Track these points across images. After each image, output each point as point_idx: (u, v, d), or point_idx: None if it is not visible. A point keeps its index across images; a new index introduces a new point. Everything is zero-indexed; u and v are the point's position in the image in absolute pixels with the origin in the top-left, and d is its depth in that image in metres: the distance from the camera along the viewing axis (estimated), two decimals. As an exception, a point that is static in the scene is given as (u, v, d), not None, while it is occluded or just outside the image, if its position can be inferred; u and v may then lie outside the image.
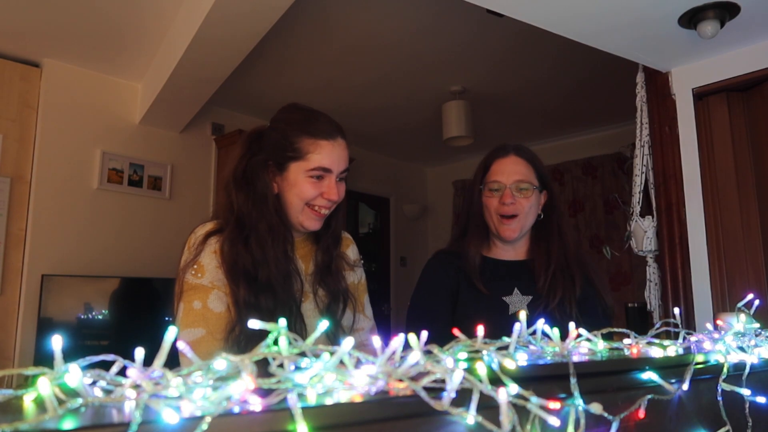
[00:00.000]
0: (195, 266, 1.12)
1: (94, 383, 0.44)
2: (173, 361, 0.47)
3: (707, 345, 0.80)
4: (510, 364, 0.53)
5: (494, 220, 1.45)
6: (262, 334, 0.47)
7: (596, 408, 0.52)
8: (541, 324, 0.70)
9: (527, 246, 1.51)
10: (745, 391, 0.75)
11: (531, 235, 1.51)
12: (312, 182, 1.16)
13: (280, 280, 1.13)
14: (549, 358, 0.63)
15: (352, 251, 1.35)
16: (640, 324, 2.17)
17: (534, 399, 0.47)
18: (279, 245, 1.15)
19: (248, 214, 1.14)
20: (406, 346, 0.51)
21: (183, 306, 1.10)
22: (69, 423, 0.35)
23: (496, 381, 0.48)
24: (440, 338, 0.58)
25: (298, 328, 1.14)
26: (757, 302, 1.00)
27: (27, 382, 0.42)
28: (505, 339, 0.63)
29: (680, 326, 0.82)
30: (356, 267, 1.34)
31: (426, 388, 0.46)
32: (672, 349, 0.77)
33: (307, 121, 1.17)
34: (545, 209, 1.50)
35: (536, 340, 0.70)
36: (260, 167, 1.17)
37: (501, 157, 1.46)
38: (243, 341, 1.07)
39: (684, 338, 0.81)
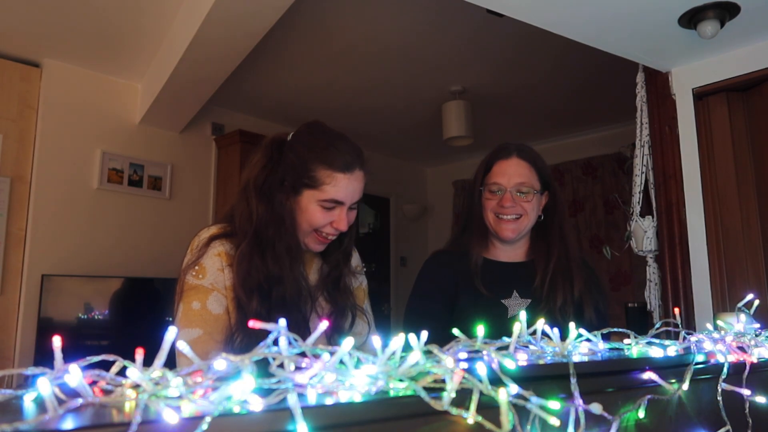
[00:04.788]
0: (196, 267, 1.13)
1: (94, 383, 0.44)
2: (172, 361, 0.47)
3: (707, 345, 0.80)
4: (510, 364, 0.53)
5: (492, 220, 1.43)
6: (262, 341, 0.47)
7: (596, 408, 0.52)
8: (541, 324, 0.70)
9: (527, 247, 1.49)
10: (745, 391, 0.75)
11: (531, 235, 1.48)
12: (322, 211, 1.15)
13: (295, 299, 1.14)
14: (549, 358, 0.63)
15: (354, 258, 1.35)
16: (640, 324, 2.17)
17: (534, 399, 0.47)
18: (296, 266, 1.16)
19: (266, 229, 1.13)
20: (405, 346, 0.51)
21: (182, 306, 1.11)
22: (69, 423, 0.35)
23: (496, 381, 0.48)
24: (437, 339, 0.58)
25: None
26: (757, 302, 1.00)
27: (27, 382, 0.42)
28: (506, 339, 0.63)
29: (680, 326, 0.82)
30: (358, 274, 1.35)
31: (426, 388, 0.46)
32: (672, 349, 0.77)
33: (327, 149, 1.14)
34: (546, 210, 1.47)
35: (536, 340, 0.70)
36: (277, 187, 1.16)
37: (503, 159, 1.44)
38: (243, 350, 1.06)
39: (684, 338, 0.81)
